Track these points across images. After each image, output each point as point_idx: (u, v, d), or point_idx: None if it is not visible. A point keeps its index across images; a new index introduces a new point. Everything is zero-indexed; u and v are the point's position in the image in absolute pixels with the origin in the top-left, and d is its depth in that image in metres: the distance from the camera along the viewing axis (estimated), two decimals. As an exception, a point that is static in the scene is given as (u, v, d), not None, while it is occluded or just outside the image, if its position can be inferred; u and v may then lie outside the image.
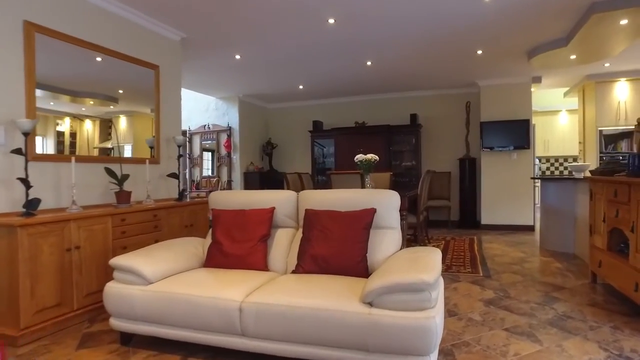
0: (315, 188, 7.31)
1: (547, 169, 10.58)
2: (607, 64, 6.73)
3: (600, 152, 7.54)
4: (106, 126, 4.03)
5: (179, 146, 4.64)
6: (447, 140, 8.35)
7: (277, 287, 2.37)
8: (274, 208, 2.97)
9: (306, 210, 2.85)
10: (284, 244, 2.93)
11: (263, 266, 2.80)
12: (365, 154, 6.01)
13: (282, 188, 6.66)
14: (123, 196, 3.67)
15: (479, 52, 5.84)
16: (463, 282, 4.07)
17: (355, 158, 5.99)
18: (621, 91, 7.41)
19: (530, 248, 5.79)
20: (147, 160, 4.18)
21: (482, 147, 7.58)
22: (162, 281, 2.54)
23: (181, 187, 4.63)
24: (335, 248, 2.59)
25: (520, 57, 6.14)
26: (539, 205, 7.68)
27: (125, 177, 3.80)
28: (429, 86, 8.05)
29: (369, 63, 6.35)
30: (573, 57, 5.82)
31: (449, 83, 7.81)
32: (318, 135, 8.94)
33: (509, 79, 7.44)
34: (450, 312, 3.21)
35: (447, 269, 4.61)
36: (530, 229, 7.45)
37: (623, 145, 7.46)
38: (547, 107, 10.08)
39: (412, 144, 8.26)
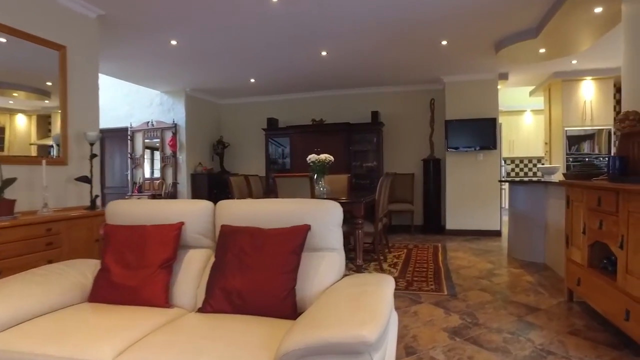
0: (266, 193, 6.63)
1: (512, 170, 10.30)
2: (574, 61, 6.39)
3: (567, 154, 7.23)
4: (45, 122, 3.78)
5: (91, 144, 3.86)
6: (411, 140, 7.86)
7: (167, 337, 1.70)
8: (182, 223, 2.29)
9: (222, 227, 2.18)
10: (195, 271, 2.26)
11: (163, 301, 2.12)
12: (320, 154, 5.41)
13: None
14: (1, 206, 2.89)
15: (444, 42, 5.33)
16: (425, 304, 3.50)
17: (308, 159, 5.38)
18: (587, 90, 7.11)
19: (498, 257, 5.32)
20: (44, 161, 3.39)
21: (447, 148, 7.11)
22: (6, 331, 1.81)
23: (94, 194, 3.87)
24: (254, 279, 1.94)
25: (488, 50, 5.68)
26: (506, 208, 7.29)
27: (8, 181, 3.02)
28: (392, 82, 7.52)
29: (324, 53, 5.74)
30: (542, 50, 5.41)
31: (412, 78, 7.31)
32: (273, 133, 8.26)
33: (475, 75, 7.01)
34: (408, 350, 2.62)
35: (408, 286, 4.04)
36: (497, 234, 7.04)
37: (585, 147, 7.18)
38: (513, 106, 9.77)
39: (373, 144, 7.71)
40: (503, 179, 5.13)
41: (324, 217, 2.11)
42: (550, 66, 6.64)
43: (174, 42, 5.18)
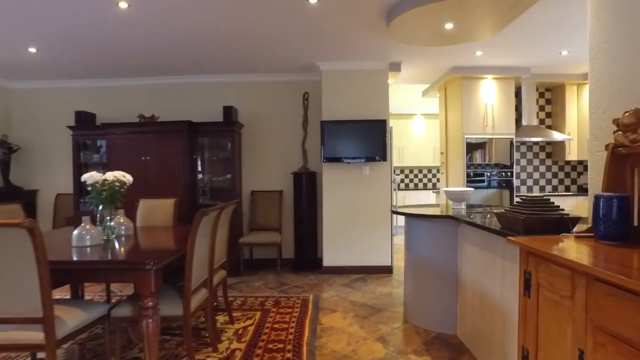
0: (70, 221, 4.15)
1: (402, 181, 9.01)
2: (478, 52, 5.01)
3: (472, 170, 5.92)
4: None
5: None
6: (279, 146, 5.94)
7: None
8: None
9: None
10: None
11: None
12: (108, 172, 3.22)
13: (25, 216, 3.62)
14: None
15: (312, 0, 3.47)
16: None
17: (83, 179, 3.12)
18: (488, 91, 5.87)
19: (392, 326, 3.59)
20: None
21: (323, 158, 5.31)
22: None
23: None
24: None
25: (376, 20, 3.96)
26: (396, 235, 5.73)
27: None
28: (250, 68, 5.52)
29: (123, 5, 3.51)
30: (449, 26, 3.83)
31: (279, 64, 5.39)
32: (85, 134, 5.73)
33: (360, 62, 5.32)
34: None
35: None
36: (387, 270, 5.42)
37: (477, 156, 5.96)
38: (403, 109, 8.45)
39: (227, 150, 5.63)
40: (397, 210, 3.39)
41: None
42: (450, 57, 5.21)
43: None
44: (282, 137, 5.91)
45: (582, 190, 6.56)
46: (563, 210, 2.25)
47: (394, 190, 5.62)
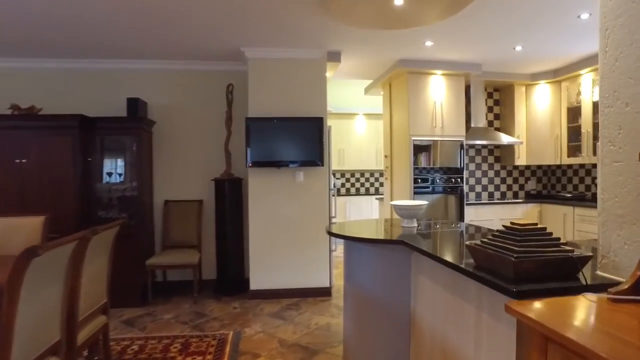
0: None
1: (343, 185, 8.33)
2: (428, 42, 4.40)
3: (416, 174, 5.31)
4: None
5: None
6: (198, 148, 5.01)
7: None
8: None
9: None
10: None
11: None
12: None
13: None
14: None
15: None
16: None
17: None
18: (437, 89, 5.31)
19: (327, 376, 2.84)
20: None
21: (249, 162, 4.46)
22: None
23: None
24: None
25: (309, -6, 3.19)
26: (336, 251, 5.00)
27: None
28: (163, 53, 4.56)
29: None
30: (398, 2, 3.13)
31: (197, 49, 4.47)
32: (-58, 127, 4.47)
33: (293, 49, 4.52)
34: None
35: None
36: (325, 293, 4.66)
37: (422, 159, 5.40)
38: (343, 107, 7.77)
39: (132, 153, 4.61)
40: (333, 232, 2.60)
41: None
42: (396, 47, 4.57)
43: None
44: (202, 137, 4.98)
45: (530, 197, 6.19)
46: (565, 244, 1.58)
47: (333, 195, 4.89)
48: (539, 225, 1.59)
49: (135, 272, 4.35)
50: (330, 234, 2.80)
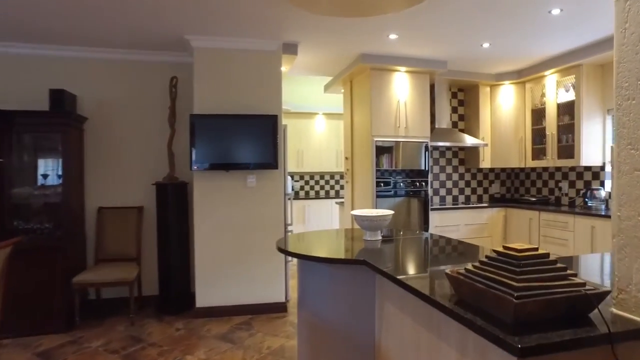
0: None
1: (301, 188, 7.93)
2: (393, 35, 4.07)
3: (378, 177, 4.98)
4: None
5: None
6: (138, 148, 4.46)
7: None
8: None
9: None
10: None
11: None
12: None
13: None
14: None
15: None
16: None
17: None
18: (401, 87, 5.01)
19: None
20: None
21: (193, 164, 3.97)
22: None
23: None
24: None
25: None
26: (292, 261, 4.58)
27: None
28: (96, 39, 3.98)
29: None
30: (360, -16, 2.75)
31: (136, 35, 3.93)
32: None
33: (245, 39, 4.07)
34: None
35: None
36: (280, 308, 4.24)
37: (384, 161, 5.09)
38: (302, 106, 7.36)
39: (58, 152, 4.00)
40: (285, 249, 2.18)
41: None
42: (359, 40, 4.21)
43: None
44: (143, 136, 4.44)
45: (495, 201, 6.01)
46: (575, 276, 1.23)
47: (289, 199, 4.47)
48: (538, 251, 1.25)
49: (60, 291, 3.75)
50: (282, 251, 2.38)
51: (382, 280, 2.02)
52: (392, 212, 2.61)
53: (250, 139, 4.02)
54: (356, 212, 2.57)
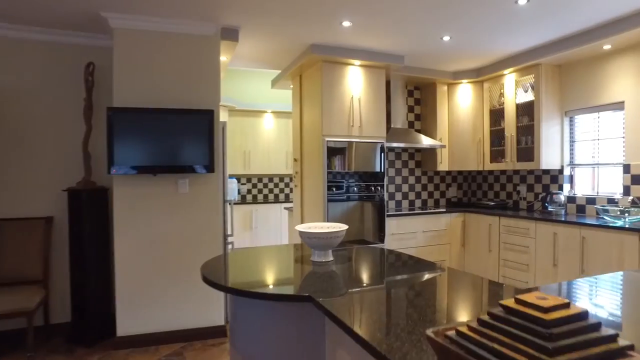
0: None
1: (249, 192, 7.35)
2: (346, 23, 3.63)
3: (329, 179, 4.53)
4: None
5: None
6: (47, 147, 3.74)
7: None
8: None
9: None
10: None
11: None
12: None
13: None
14: None
15: None
16: None
17: None
18: (355, 82, 4.58)
19: None
20: None
21: (114, 167, 3.32)
22: None
23: None
24: None
25: None
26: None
27: None
28: (-14, 11, 3.26)
29: None
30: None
31: (38, 9, 3.23)
32: None
33: (176, 20, 3.48)
34: None
35: None
36: (219, 333, 3.67)
37: (336, 163, 4.66)
38: (250, 104, 6.80)
39: (-64, 152, 3.23)
40: (211, 279, 1.63)
41: None
42: (309, 28, 3.73)
43: None
44: (52, 132, 3.72)
45: (452, 205, 5.73)
46: (632, 349, 0.80)
47: (230, 205, 3.92)
48: (565, 301, 0.81)
49: None
50: (209, 282, 1.84)
51: (331, 329, 1.54)
52: (345, 226, 2.14)
53: (182, 138, 3.44)
54: (302, 227, 2.08)
